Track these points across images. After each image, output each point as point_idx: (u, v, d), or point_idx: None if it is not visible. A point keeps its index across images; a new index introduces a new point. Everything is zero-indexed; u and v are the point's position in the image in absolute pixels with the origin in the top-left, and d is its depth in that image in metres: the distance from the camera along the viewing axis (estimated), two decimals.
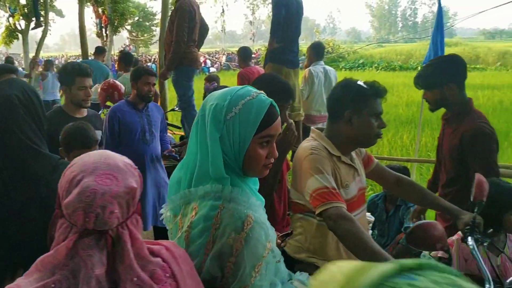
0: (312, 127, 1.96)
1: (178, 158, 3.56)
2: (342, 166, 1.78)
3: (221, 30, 28.66)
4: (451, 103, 2.28)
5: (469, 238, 1.69)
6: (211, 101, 1.12)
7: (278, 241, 1.43)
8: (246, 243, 1.02)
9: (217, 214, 1.05)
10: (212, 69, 27.88)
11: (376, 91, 1.75)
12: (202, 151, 1.10)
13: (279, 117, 1.15)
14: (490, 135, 2.16)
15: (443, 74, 2.27)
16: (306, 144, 1.82)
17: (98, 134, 2.90)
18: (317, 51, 5.07)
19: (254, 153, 1.10)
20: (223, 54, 33.87)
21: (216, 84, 5.56)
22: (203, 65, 29.56)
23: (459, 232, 1.86)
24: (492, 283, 1.58)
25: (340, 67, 27.87)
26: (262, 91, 1.15)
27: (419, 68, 9.81)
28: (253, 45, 31.45)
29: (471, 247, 1.66)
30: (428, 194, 1.96)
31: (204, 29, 4.95)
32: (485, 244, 1.75)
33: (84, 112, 2.92)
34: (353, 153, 1.89)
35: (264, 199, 1.22)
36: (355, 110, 1.73)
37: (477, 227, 1.72)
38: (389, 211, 3.13)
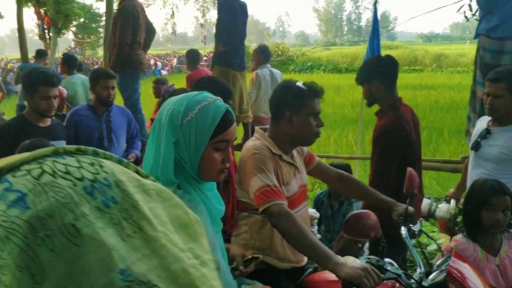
0: (256, 127, 2.02)
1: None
2: (283, 164, 1.86)
3: (172, 33, 28.22)
4: (377, 99, 2.46)
5: (402, 228, 1.82)
6: (168, 106, 1.14)
7: (241, 267, 1.45)
8: None
9: None
10: (163, 72, 27.47)
11: (313, 92, 1.83)
12: (156, 155, 1.12)
13: (235, 123, 1.19)
14: (394, 133, 2.35)
15: (368, 72, 2.47)
16: (250, 143, 1.87)
17: (63, 143, 2.78)
18: (264, 54, 5.18)
19: (209, 158, 1.13)
20: (174, 56, 33.40)
21: (174, 86, 5.50)
22: (153, 67, 29.02)
23: (455, 237, 1.96)
24: (422, 267, 1.70)
25: (290, 69, 28.39)
26: (219, 97, 1.18)
27: None
28: (204, 47, 31.27)
29: (403, 235, 1.79)
30: (366, 188, 2.08)
31: (150, 31, 4.91)
32: (416, 232, 1.87)
33: (48, 121, 2.77)
34: (295, 152, 1.97)
35: (224, 206, 1.25)
36: (294, 110, 1.81)
37: (410, 217, 1.85)
38: (334, 207, 3.27)
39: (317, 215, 3.08)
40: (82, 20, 29.27)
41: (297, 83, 1.84)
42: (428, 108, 10.45)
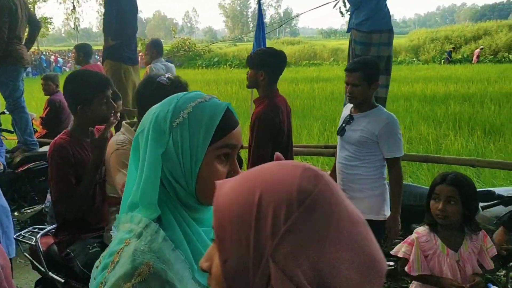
0: (123, 122, 2.00)
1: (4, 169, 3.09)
2: None
3: (74, 28, 26.47)
4: (258, 86, 2.64)
5: None
6: (152, 111, 0.88)
7: None
8: None
9: (119, 250, 0.80)
10: (65, 69, 25.88)
11: (175, 86, 1.75)
12: (139, 176, 0.85)
13: (239, 126, 0.90)
14: (264, 121, 2.53)
15: (259, 60, 2.61)
16: (114, 139, 1.87)
17: None
18: (157, 48, 5.12)
19: (211, 169, 0.84)
20: None
21: None
22: (54, 64, 26.93)
23: (417, 229, 1.98)
24: None
25: (198, 65, 28.34)
26: (214, 95, 0.91)
27: None
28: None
29: None
30: None
31: (34, 26, 4.65)
32: None
33: None
34: None
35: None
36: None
37: None
38: None
39: None
40: None
41: (159, 78, 1.78)
42: (324, 99, 11.16)
